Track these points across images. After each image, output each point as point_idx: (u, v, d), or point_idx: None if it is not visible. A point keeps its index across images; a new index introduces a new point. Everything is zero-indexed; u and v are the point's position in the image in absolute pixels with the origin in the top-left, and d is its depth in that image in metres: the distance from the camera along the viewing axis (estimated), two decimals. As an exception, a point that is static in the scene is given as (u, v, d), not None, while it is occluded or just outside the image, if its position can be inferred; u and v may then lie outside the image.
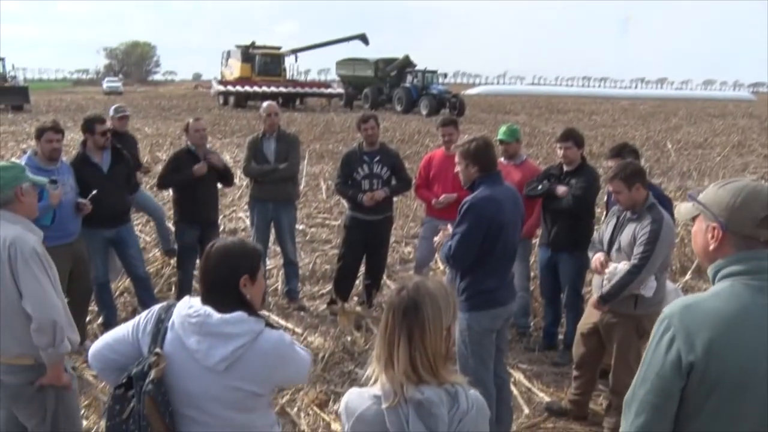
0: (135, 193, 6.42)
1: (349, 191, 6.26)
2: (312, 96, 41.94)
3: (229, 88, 39.03)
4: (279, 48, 43.41)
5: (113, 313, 6.01)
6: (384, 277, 7.12)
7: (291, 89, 39.81)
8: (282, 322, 6.34)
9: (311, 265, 8.12)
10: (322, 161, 17.03)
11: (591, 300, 4.62)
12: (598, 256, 4.36)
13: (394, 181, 6.34)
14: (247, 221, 8.41)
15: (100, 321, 6.08)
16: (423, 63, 40.19)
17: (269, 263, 7.55)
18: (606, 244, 4.41)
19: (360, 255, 6.58)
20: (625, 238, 4.22)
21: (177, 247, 6.65)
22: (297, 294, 6.98)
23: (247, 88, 38.13)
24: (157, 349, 2.24)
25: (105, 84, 64.55)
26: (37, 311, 3.01)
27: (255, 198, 6.69)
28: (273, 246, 7.34)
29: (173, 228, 6.84)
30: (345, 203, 7.10)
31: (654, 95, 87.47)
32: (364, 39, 42.29)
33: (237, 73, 40.89)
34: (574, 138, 5.47)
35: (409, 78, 38.40)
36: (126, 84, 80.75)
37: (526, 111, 42.55)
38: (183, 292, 6.25)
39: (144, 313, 2.40)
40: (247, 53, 40.99)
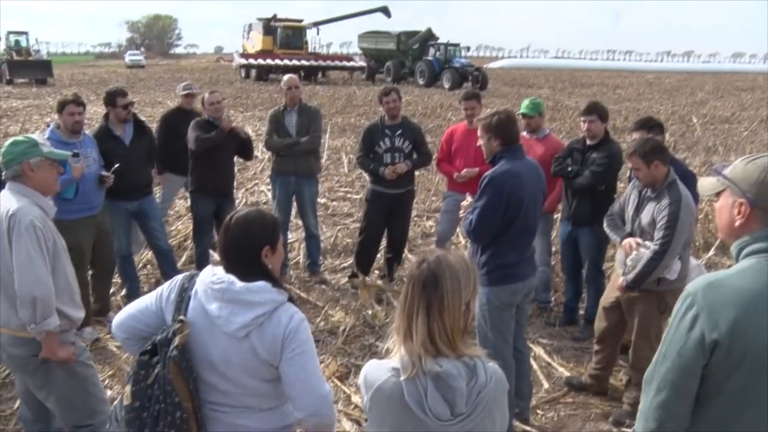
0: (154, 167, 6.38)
1: (371, 165, 6.24)
2: (334, 69, 41.76)
3: (251, 61, 38.98)
4: (301, 21, 43.17)
5: (136, 285, 6.09)
6: (405, 251, 7.12)
7: (313, 62, 39.64)
8: (303, 295, 6.39)
9: (333, 239, 8.15)
10: (343, 135, 17.00)
11: (613, 275, 4.59)
12: (629, 240, 4.26)
13: (415, 155, 6.32)
14: (269, 195, 8.46)
15: (123, 293, 6.17)
16: (446, 36, 40.05)
17: (291, 236, 7.59)
18: (629, 222, 4.35)
19: (381, 228, 6.58)
20: (645, 217, 4.16)
21: (192, 221, 6.65)
22: (318, 267, 7.01)
23: (269, 61, 38.06)
24: (181, 316, 2.28)
25: (127, 57, 64.81)
26: (21, 286, 2.99)
27: (277, 171, 6.69)
28: (294, 219, 7.36)
29: (189, 199, 6.78)
30: (366, 177, 7.09)
31: (681, 69, 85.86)
32: (386, 12, 41.97)
33: (258, 46, 40.80)
34: (598, 111, 5.39)
35: (432, 51, 38.07)
36: (148, 57, 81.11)
37: (549, 85, 42.06)
38: (201, 265, 6.31)
39: (167, 283, 2.43)
40: (269, 26, 40.85)
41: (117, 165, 5.38)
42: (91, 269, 5.58)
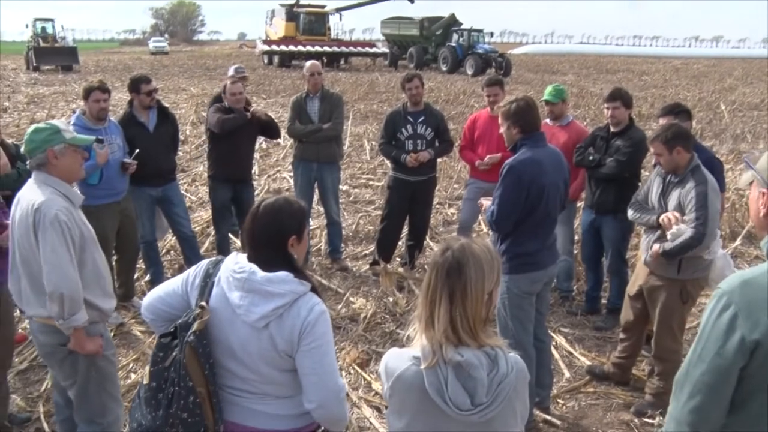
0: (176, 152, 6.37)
1: (393, 151, 6.22)
2: (356, 55, 41.72)
3: (274, 47, 39.07)
4: (323, 7, 43.10)
5: (160, 271, 6.14)
6: (427, 239, 7.11)
7: (335, 48, 39.62)
8: (325, 282, 6.41)
9: (354, 226, 8.16)
10: (366, 121, 16.97)
11: (637, 263, 4.54)
12: (667, 214, 4.17)
13: (437, 143, 6.28)
14: (291, 181, 8.48)
15: (147, 278, 6.24)
16: (469, 22, 39.69)
17: (312, 223, 7.61)
18: (655, 203, 4.29)
19: (403, 216, 6.57)
20: (672, 203, 4.10)
21: (211, 208, 6.68)
22: (340, 254, 7.03)
23: (292, 47, 38.11)
24: (202, 302, 2.30)
25: (151, 44, 65.23)
26: (49, 282, 2.96)
27: (299, 158, 6.69)
28: (316, 206, 7.38)
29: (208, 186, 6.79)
30: (388, 164, 7.07)
31: (709, 54, 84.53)
32: (409, -3, 41.69)
33: (281, 33, 40.84)
34: (622, 98, 5.31)
35: (455, 37, 37.80)
36: (172, 44, 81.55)
37: (574, 71, 41.59)
38: (222, 250, 6.35)
39: (193, 268, 2.45)
40: (292, 12, 40.85)
41: (137, 151, 5.43)
42: (116, 255, 5.65)
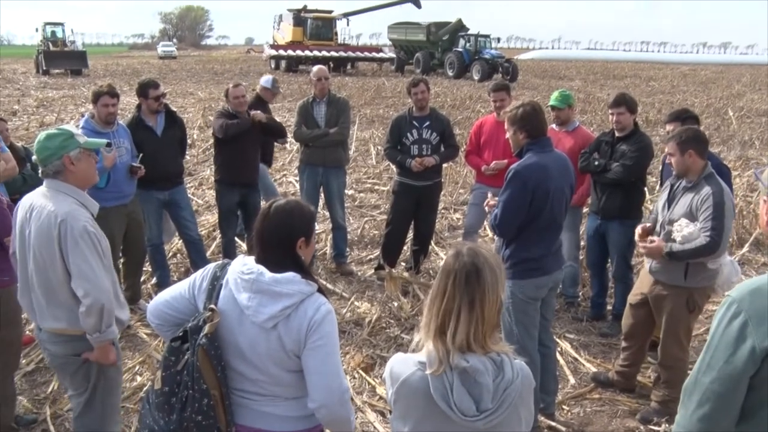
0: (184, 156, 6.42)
1: (398, 156, 6.23)
2: (363, 60, 41.73)
3: (281, 52, 39.14)
4: (331, 12, 43.18)
5: (166, 274, 6.17)
6: (432, 244, 7.11)
7: (342, 53, 39.65)
8: (330, 286, 6.42)
9: (359, 230, 8.17)
10: (372, 126, 16.99)
11: (641, 271, 4.53)
12: (645, 242, 4.20)
13: (442, 148, 6.29)
14: (297, 186, 8.49)
15: (153, 281, 6.26)
16: (476, 27, 39.73)
17: (318, 228, 7.61)
18: (659, 213, 4.29)
19: (408, 221, 6.57)
20: (680, 209, 4.07)
21: (218, 212, 6.69)
22: (345, 259, 7.04)
23: (299, 52, 38.17)
24: (212, 305, 2.32)
25: (160, 48, 65.57)
26: (87, 295, 2.91)
27: (305, 162, 6.71)
28: (322, 210, 7.39)
29: (215, 191, 6.82)
30: (394, 168, 7.08)
31: (717, 60, 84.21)
32: (416, 2, 41.75)
33: (289, 37, 40.93)
34: (626, 103, 5.31)
35: (462, 42, 37.83)
36: (180, 48, 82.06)
37: (581, 76, 41.54)
38: (228, 254, 6.37)
39: (200, 271, 2.47)
40: (299, 17, 40.94)
41: (141, 155, 5.46)
42: (123, 257, 5.68)
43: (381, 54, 41.88)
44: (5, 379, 3.85)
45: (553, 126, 5.78)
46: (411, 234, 6.80)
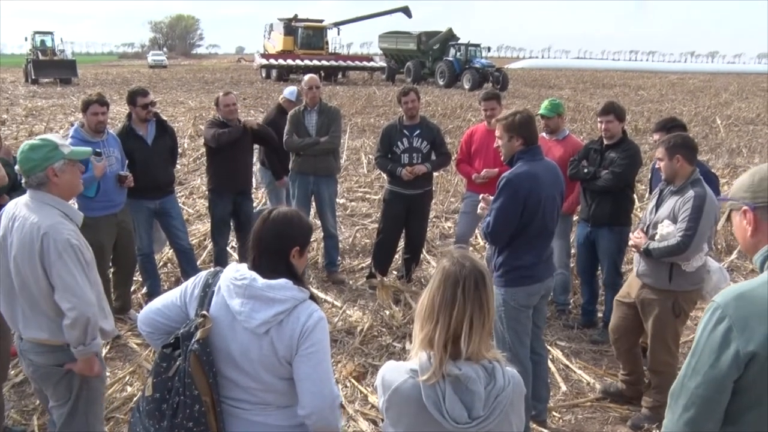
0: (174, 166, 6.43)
1: (388, 165, 6.24)
2: (354, 69, 41.83)
3: (272, 61, 39.17)
4: (321, 21, 43.31)
5: (157, 283, 6.14)
6: (423, 252, 7.12)
7: (333, 62, 39.73)
8: (321, 295, 6.41)
9: (351, 239, 8.16)
10: (363, 135, 17.02)
11: (629, 275, 4.55)
12: (633, 235, 4.30)
13: (433, 156, 6.31)
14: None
15: (144, 291, 6.23)
16: (466, 36, 39.91)
17: (309, 237, 7.59)
18: (647, 216, 4.35)
19: (399, 229, 6.58)
20: (665, 211, 4.14)
21: (210, 221, 6.69)
22: (337, 267, 7.03)
23: (290, 61, 38.21)
24: (203, 311, 2.32)
25: (150, 57, 65.51)
26: (73, 309, 2.88)
27: (296, 171, 6.71)
28: (313, 219, 7.39)
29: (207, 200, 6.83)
30: (385, 177, 7.09)
31: (705, 69, 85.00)
32: (407, 12, 41.96)
33: (279, 47, 41.00)
34: (615, 111, 5.35)
35: (452, 51, 38.00)
36: (170, 57, 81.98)
37: (570, 85, 41.79)
38: (220, 263, 6.36)
39: (192, 279, 2.47)
40: (290, 26, 41.02)
41: (126, 162, 5.48)
42: (113, 267, 5.65)
43: (372, 63, 42.00)
44: (-6, 390, 3.82)
45: (543, 134, 5.81)
46: (402, 242, 6.80)
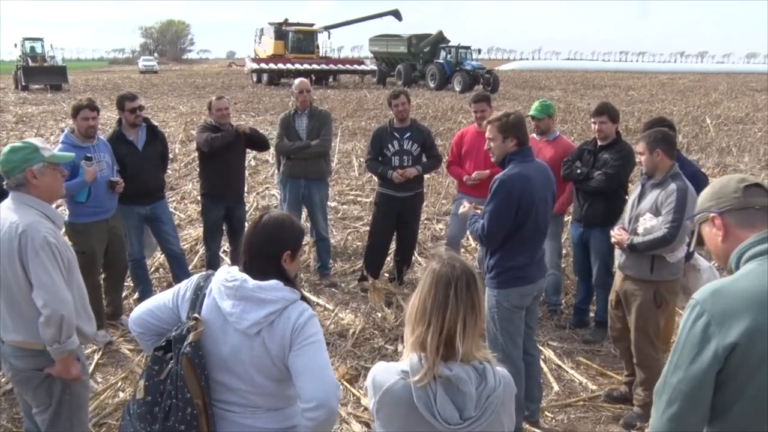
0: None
1: (379, 168, 6.25)
2: (345, 73, 41.82)
3: (263, 65, 39.14)
4: (312, 25, 43.30)
5: (148, 289, 6.11)
6: (415, 254, 7.13)
7: (324, 66, 39.74)
8: (313, 298, 6.40)
9: (343, 242, 8.16)
10: (354, 138, 17.02)
11: (617, 274, 4.59)
12: (614, 231, 4.38)
13: (424, 158, 6.32)
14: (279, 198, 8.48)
15: (135, 296, 6.21)
16: (457, 38, 40.04)
17: (301, 240, 7.58)
18: (628, 210, 4.39)
19: (391, 232, 6.59)
20: (647, 204, 4.20)
21: (203, 225, 6.68)
22: (328, 270, 7.03)
23: (281, 65, 38.17)
24: (195, 314, 2.32)
25: (141, 63, 65.27)
26: (47, 306, 2.89)
27: (287, 174, 6.71)
28: (305, 222, 7.39)
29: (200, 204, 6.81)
30: (376, 180, 7.11)
31: (694, 69, 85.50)
32: (397, 15, 42.01)
33: (270, 51, 40.96)
34: (608, 112, 5.38)
35: (443, 54, 38.03)
36: (161, 63, 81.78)
37: (561, 87, 41.91)
38: (212, 268, 6.33)
39: (184, 282, 2.48)
40: (281, 30, 40.99)
41: (117, 168, 5.47)
42: (104, 273, 5.63)
43: (362, 66, 41.99)
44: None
45: (534, 136, 5.83)
46: (394, 245, 6.81)
